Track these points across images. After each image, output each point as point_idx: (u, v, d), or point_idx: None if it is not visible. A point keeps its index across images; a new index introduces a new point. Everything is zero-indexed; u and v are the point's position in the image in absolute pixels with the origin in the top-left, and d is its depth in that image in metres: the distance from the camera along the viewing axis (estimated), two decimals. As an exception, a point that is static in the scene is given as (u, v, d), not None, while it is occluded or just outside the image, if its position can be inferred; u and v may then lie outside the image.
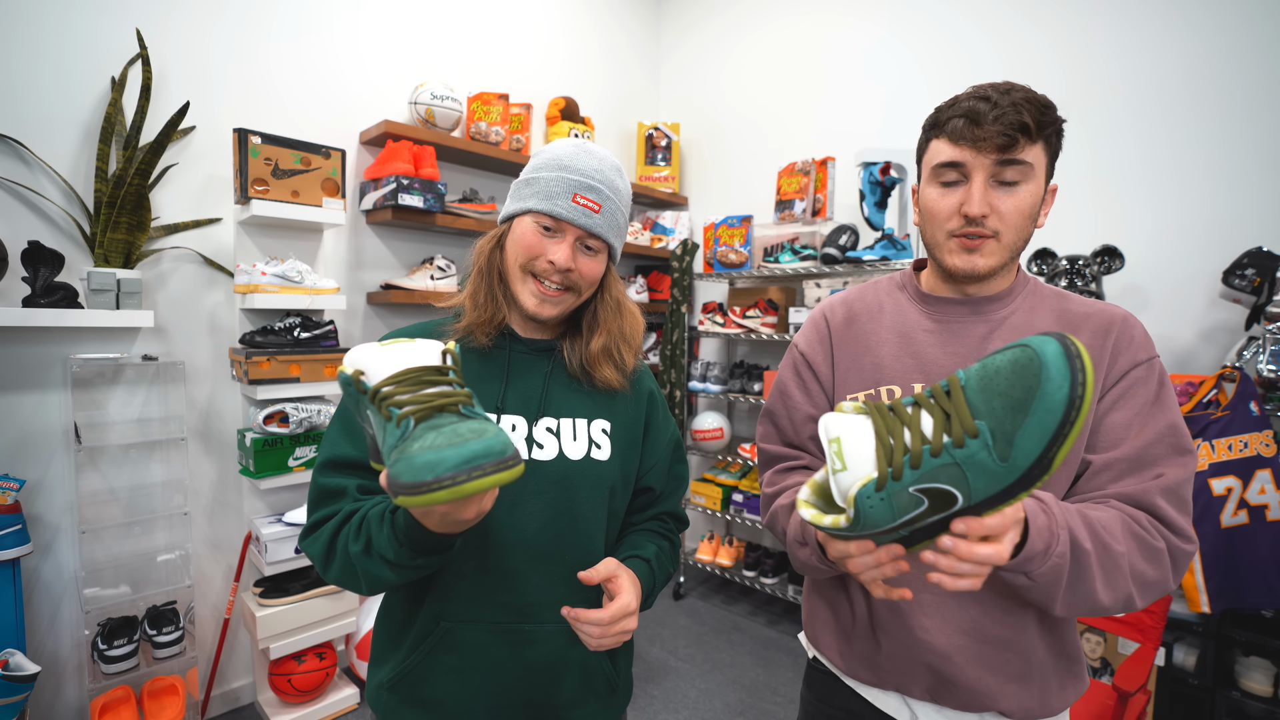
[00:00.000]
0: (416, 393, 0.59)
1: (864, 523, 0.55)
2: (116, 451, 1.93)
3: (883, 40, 2.78)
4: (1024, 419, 0.49)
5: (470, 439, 0.54)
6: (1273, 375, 1.73)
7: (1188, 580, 1.75)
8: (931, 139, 0.81)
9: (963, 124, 0.75)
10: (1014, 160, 0.74)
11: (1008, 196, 0.76)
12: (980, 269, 0.78)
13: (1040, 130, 0.74)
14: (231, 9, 2.10)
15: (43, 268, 1.69)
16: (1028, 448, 0.49)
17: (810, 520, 0.58)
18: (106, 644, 1.80)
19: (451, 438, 0.54)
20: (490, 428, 0.57)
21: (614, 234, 0.87)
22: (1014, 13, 2.43)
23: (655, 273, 3.48)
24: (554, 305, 0.85)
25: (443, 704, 0.83)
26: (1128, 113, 2.19)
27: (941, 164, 0.77)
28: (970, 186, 0.76)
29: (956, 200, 0.77)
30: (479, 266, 0.89)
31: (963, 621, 0.79)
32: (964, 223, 0.77)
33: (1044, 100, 0.75)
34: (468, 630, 0.82)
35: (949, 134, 0.76)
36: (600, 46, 3.37)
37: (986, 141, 0.73)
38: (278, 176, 1.98)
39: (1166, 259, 2.12)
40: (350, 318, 2.45)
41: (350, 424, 0.85)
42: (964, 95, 0.77)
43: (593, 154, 0.86)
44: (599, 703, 0.89)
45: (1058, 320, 0.81)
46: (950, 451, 0.51)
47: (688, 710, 2.21)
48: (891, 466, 0.53)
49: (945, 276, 0.84)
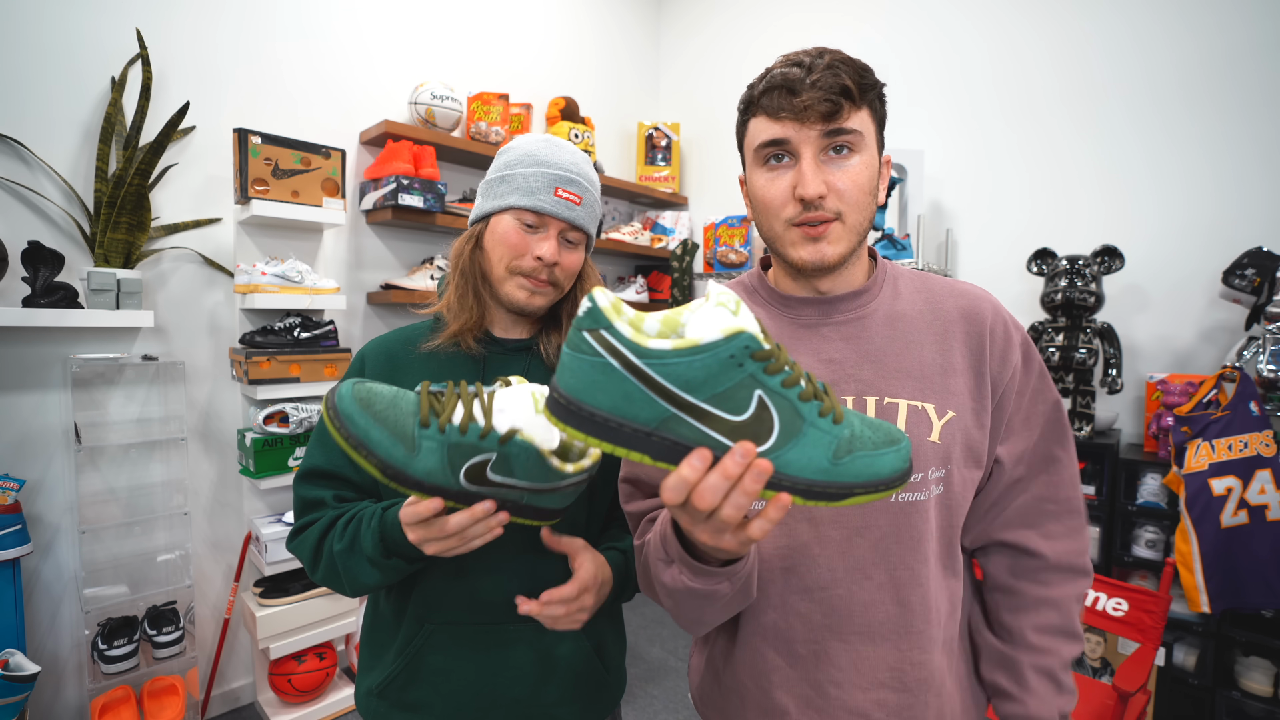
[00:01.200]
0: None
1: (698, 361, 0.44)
2: (116, 451, 1.93)
3: (882, 41, 2.78)
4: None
5: (896, 441, 0.51)
6: (1272, 375, 1.73)
7: (1188, 580, 1.75)
8: (749, 119, 0.72)
9: (779, 95, 0.67)
10: (841, 129, 0.66)
11: (842, 172, 0.67)
12: (830, 258, 0.69)
13: (863, 94, 0.67)
14: (232, 9, 2.10)
15: (43, 268, 1.69)
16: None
17: (633, 338, 0.44)
18: (106, 644, 1.80)
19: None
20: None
21: (593, 224, 0.89)
22: (1013, 13, 2.43)
23: (655, 273, 3.48)
24: (543, 296, 0.86)
25: (431, 706, 0.83)
26: (1127, 113, 2.19)
27: (764, 143, 0.69)
28: (800, 165, 0.67)
29: (788, 183, 0.68)
30: (460, 269, 0.88)
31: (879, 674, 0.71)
32: (801, 208, 0.68)
33: (859, 62, 0.68)
34: (452, 631, 0.83)
35: (766, 109, 0.68)
36: (600, 47, 3.37)
37: (809, 110, 0.65)
38: (278, 176, 1.98)
39: (1167, 259, 2.12)
40: (350, 318, 2.45)
41: (324, 435, 0.86)
42: (774, 65, 0.70)
43: (563, 147, 0.86)
44: (587, 701, 0.88)
45: (926, 303, 0.76)
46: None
47: (687, 710, 2.21)
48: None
49: (794, 273, 0.75)
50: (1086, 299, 2.01)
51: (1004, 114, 2.45)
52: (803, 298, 0.76)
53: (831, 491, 0.48)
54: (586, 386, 0.45)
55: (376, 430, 0.60)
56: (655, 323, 0.48)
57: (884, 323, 0.74)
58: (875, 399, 0.71)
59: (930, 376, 0.72)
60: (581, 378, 0.45)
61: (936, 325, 0.75)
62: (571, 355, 0.46)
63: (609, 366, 0.44)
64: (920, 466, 0.69)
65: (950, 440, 0.70)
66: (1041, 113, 2.37)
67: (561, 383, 0.46)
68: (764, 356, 0.45)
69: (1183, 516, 1.77)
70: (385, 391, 0.62)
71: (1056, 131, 2.34)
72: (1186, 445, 1.79)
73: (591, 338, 0.44)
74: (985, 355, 0.73)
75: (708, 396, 0.45)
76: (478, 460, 0.61)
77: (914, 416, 0.70)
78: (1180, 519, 1.78)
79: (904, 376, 0.72)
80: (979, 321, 0.74)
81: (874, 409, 0.71)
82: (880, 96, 0.70)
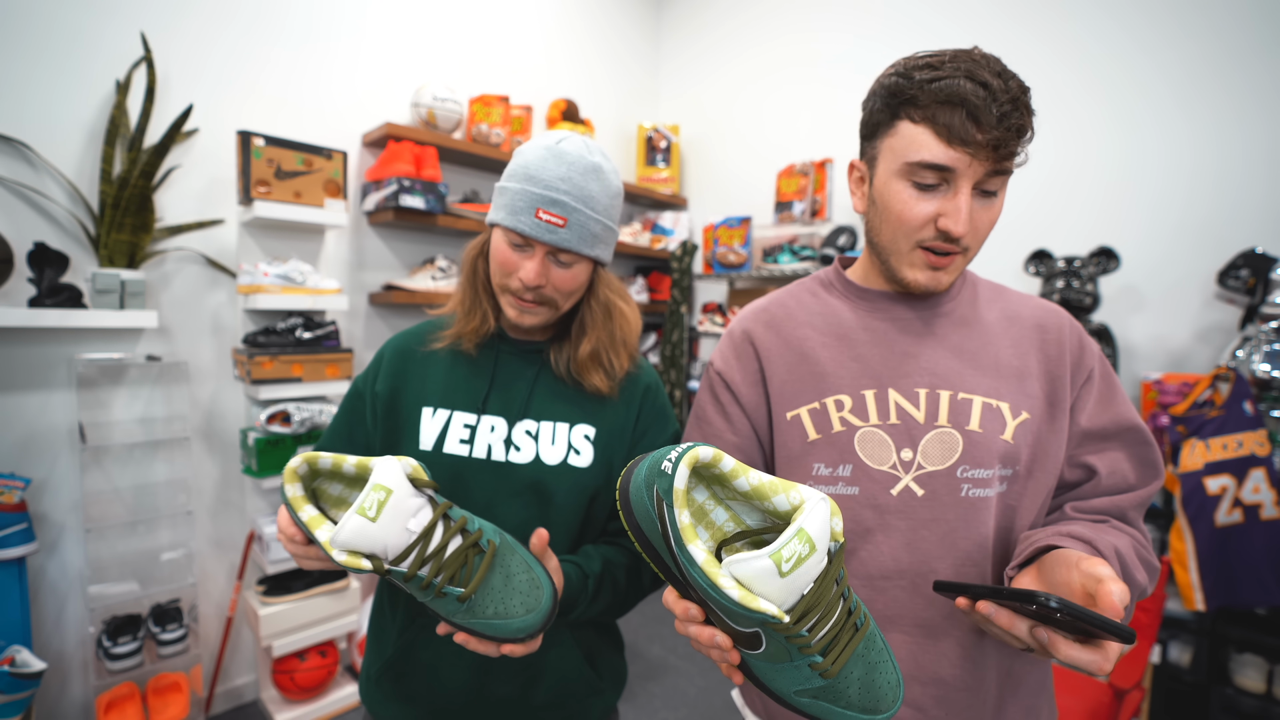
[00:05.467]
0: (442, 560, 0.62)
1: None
2: (121, 451, 1.94)
3: (879, 41, 2.79)
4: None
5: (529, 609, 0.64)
6: (1266, 375, 1.75)
7: (1183, 578, 1.76)
8: (901, 118, 0.66)
9: (958, 116, 0.61)
10: (1004, 170, 0.64)
11: (986, 210, 0.66)
12: (943, 285, 0.70)
13: (1032, 127, 0.64)
14: (235, 13, 2.11)
15: (48, 269, 1.71)
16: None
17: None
18: (111, 641, 1.82)
19: (520, 605, 0.64)
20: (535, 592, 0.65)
21: (588, 244, 0.81)
22: (1005, 16, 2.45)
23: (655, 273, 3.50)
24: (532, 315, 0.84)
25: (422, 699, 0.85)
26: (1122, 114, 2.21)
27: (924, 164, 0.64)
28: (956, 198, 0.64)
29: (933, 210, 0.65)
30: (466, 275, 0.89)
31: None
32: (937, 235, 0.66)
33: (1028, 90, 0.64)
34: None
35: (936, 125, 0.62)
36: (601, 49, 3.38)
37: (985, 149, 0.61)
38: (280, 178, 2.00)
39: (1162, 260, 2.14)
40: (352, 318, 2.47)
41: (342, 427, 0.91)
42: (947, 67, 0.62)
43: (563, 158, 0.79)
44: (577, 705, 0.88)
45: (1003, 309, 0.76)
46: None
47: (687, 708, 2.23)
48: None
49: (890, 279, 0.75)
50: (1083, 300, 2.03)
51: (1001, 116, 2.46)
52: (881, 291, 0.77)
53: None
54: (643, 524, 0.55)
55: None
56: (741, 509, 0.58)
57: (961, 322, 0.75)
58: (950, 393, 0.71)
59: (1006, 377, 0.72)
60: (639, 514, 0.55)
61: (1013, 331, 0.75)
62: (639, 495, 0.54)
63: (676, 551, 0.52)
64: (988, 463, 0.69)
65: (1021, 441, 0.70)
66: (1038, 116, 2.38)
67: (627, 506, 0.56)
68: (783, 630, 0.49)
69: (1178, 515, 1.79)
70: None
71: (1052, 133, 2.35)
72: (1182, 445, 1.80)
73: (660, 513, 0.53)
74: (1063, 364, 0.73)
75: (713, 617, 0.54)
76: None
77: (988, 413, 0.70)
78: (1175, 518, 1.80)
79: (980, 374, 0.72)
80: (1056, 330, 0.74)
81: (947, 403, 0.71)
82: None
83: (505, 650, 0.66)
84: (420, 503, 0.61)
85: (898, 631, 0.70)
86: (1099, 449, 0.72)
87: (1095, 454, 0.72)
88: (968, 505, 0.69)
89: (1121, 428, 0.72)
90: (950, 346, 0.74)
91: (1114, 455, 0.72)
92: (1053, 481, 0.72)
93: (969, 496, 0.69)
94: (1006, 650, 0.72)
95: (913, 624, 0.70)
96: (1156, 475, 0.72)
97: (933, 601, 0.69)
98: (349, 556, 0.59)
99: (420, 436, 0.86)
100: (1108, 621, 0.46)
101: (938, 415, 0.71)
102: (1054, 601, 0.47)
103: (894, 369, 0.73)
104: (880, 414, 0.72)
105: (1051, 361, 0.73)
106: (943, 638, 0.69)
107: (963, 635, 0.69)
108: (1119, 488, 0.71)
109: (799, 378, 0.76)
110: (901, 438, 0.71)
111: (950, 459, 0.69)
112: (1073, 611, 0.47)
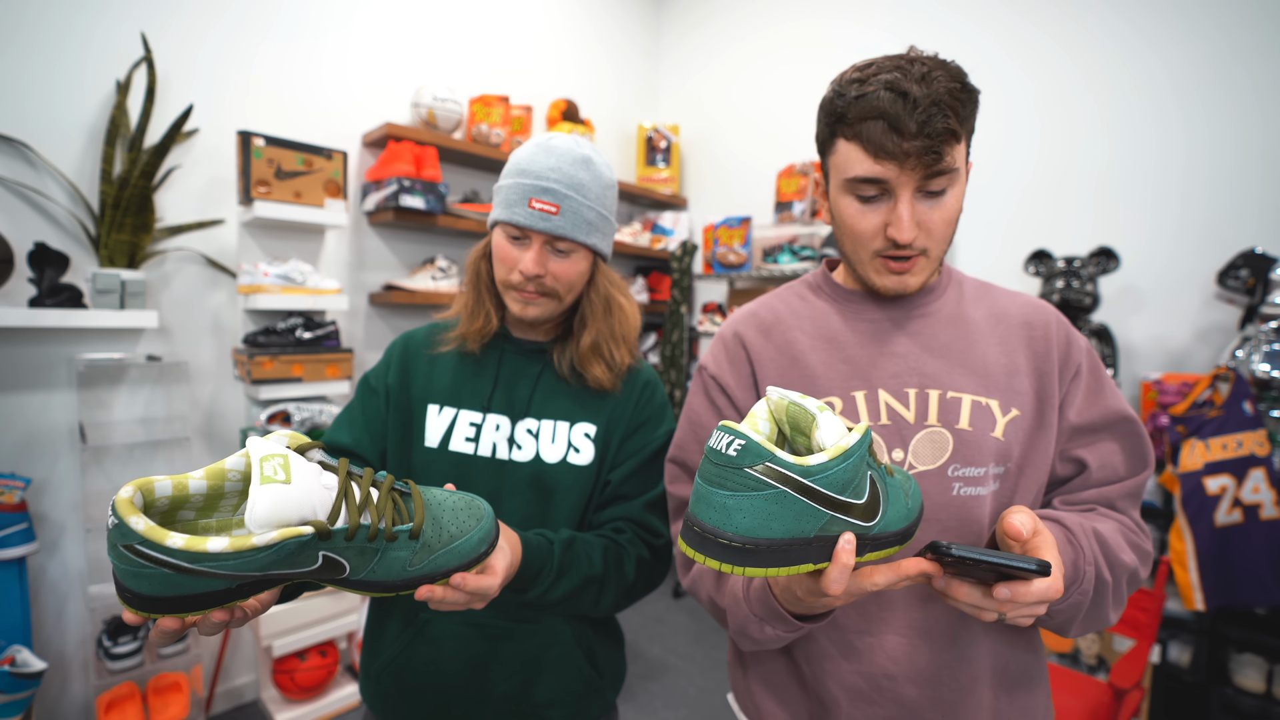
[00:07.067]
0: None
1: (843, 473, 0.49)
2: (121, 451, 1.95)
3: (882, 42, 2.79)
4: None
5: (909, 480, 0.58)
6: (1266, 375, 1.75)
7: (1182, 578, 1.77)
8: (838, 138, 0.68)
9: (880, 130, 0.62)
10: (941, 171, 0.64)
11: (934, 211, 0.67)
12: (911, 288, 0.71)
13: (964, 125, 0.64)
14: (235, 13, 2.11)
15: (48, 269, 1.71)
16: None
17: (764, 449, 0.46)
18: (112, 641, 1.82)
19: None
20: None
21: (583, 231, 0.83)
22: (1011, 14, 2.45)
23: (655, 273, 3.50)
24: (536, 307, 0.86)
25: (423, 694, 0.85)
26: (1122, 115, 2.21)
27: (859, 179, 0.66)
28: (896, 207, 0.65)
29: (880, 220, 0.67)
30: (469, 277, 0.92)
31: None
32: (889, 244, 0.68)
33: (963, 81, 0.63)
34: (444, 624, 0.84)
35: (863, 141, 0.64)
36: (601, 49, 3.38)
37: (911, 157, 0.62)
38: (280, 178, 2.00)
39: (1162, 261, 2.14)
40: (352, 318, 2.47)
41: (357, 414, 0.92)
42: (872, 80, 0.63)
43: (553, 150, 0.83)
44: (577, 702, 0.89)
45: (990, 308, 0.77)
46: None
47: (687, 708, 2.23)
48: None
49: (864, 283, 0.76)
50: (1083, 300, 2.03)
51: (1000, 116, 2.46)
52: (865, 293, 0.78)
53: (907, 531, 0.55)
54: (763, 521, 0.46)
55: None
56: (768, 428, 0.53)
57: (949, 321, 0.75)
58: (939, 393, 0.71)
59: (995, 375, 0.72)
60: (755, 515, 0.46)
61: (1000, 329, 0.75)
62: (736, 496, 0.46)
63: (783, 495, 0.46)
64: (979, 461, 0.69)
65: (1012, 438, 0.70)
66: (1038, 115, 2.39)
67: (728, 526, 0.47)
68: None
69: (1178, 515, 1.79)
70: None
71: (1052, 133, 2.36)
72: (1181, 444, 1.80)
73: (760, 473, 0.46)
74: (1050, 360, 0.73)
75: (851, 491, 0.49)
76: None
77: (978, 412, 0.70)
78: (1175, 518, 1.80)
79: (968, 373, 0.72)
80: (1043, 327, 0.75)
81: (937, 403, 0.71)
82: (974, 111, 0.66)
83: (471, 585, 0.59)
84: (316, 466, 0.54)
85: (891, 632, 0.70)
86: (1089, 442, 0.73)
87: (1085, 448, 0.73)
88: (959, 504, 0.69)
89: (1111, 419, 0.73)
90: (938, 346, 0.74)
91: (1104, 447, 0.72)
92: (1044, 478, 0.72)
93: (960, 495, 0.69)
94: (1002, 651, 0.72)
95: (906, 625, 0.70)
96: (1145, 465, 0.72)
97: (926, 602, 0.69)
98: (280, 532, 0.47)
99: (426, 434, 0.88)
100: (1003, 555, 0.49)
101: (927, 415, 0.71)
102: (946, 545, 0.51)
103: (883, 370, 0.74)
104: (871, 415, 0.72)
105: (1039, 358, 0.74)
106: (937, 638, 0.69)
107: (958, 636, 0.70)
108: (1108, 480, 0.72)
109: (790, 381, 0.77)
110: (892, 438, 0.71)
111: (941, 458, 0.70)
112: (965, 551, 0.49)
